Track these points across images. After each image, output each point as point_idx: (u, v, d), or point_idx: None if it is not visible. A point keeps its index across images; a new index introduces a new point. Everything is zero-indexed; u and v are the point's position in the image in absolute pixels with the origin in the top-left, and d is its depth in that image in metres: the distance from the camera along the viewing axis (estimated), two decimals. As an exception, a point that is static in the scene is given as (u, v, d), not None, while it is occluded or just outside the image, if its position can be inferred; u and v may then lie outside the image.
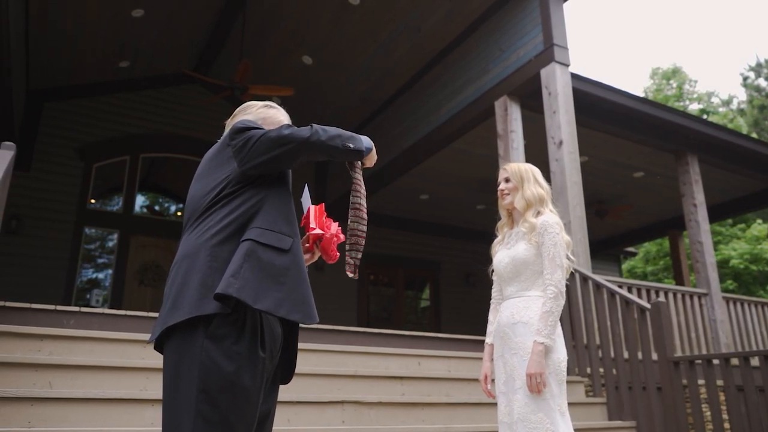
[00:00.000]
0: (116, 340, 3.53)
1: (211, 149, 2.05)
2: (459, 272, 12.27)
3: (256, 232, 1.79)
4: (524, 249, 2.58)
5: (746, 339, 7.90)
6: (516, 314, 2.53)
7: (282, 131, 1.85)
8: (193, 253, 1.78)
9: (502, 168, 2.86)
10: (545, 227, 2.57)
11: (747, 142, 8.52)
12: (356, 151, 1.97)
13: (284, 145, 1.84)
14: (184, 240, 1.88)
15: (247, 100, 8.04)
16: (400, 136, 8.90)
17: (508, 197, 2.74)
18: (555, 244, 2.54)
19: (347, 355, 4.16)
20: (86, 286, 9.28)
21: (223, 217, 1.82)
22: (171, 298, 1.75)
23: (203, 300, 1.69)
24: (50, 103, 9.33)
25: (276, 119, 2.16)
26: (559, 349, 2.46)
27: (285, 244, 1.81)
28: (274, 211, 1.87)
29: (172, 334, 1.72)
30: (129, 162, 9.79)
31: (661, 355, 4.22)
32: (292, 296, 1.75)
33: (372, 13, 7.94)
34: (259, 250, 1.75)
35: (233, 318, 1.70)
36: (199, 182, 1.96)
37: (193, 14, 8.61)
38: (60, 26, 8.00)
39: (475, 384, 4.26)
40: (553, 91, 6.26)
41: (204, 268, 1.74)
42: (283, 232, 1.84)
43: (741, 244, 15.81)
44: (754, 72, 24.04)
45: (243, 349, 1.69)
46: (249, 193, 1.87)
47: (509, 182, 2.76)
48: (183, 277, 1.76)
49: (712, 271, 7.75)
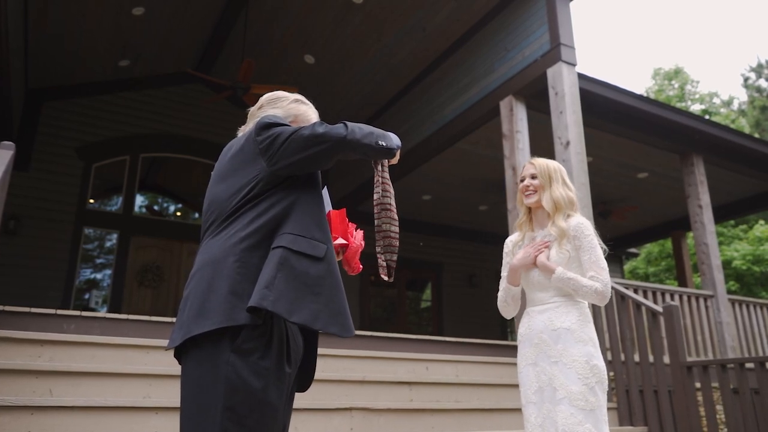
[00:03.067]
0: (118, 346, 3.45)
1: (233, 145, 1.93)
2: (462, 273, 12.19)
3: (288, 239, 1.69)
4: (556, 255, 2.44)
5: (752, 342, 7.83)
6: (556, 320, 2.40)
7: (316, 129, 1.74)
8: (221, 258, 1.68)
9: (529, 162, 2.65)
10: (581, 229, 2.44)
11: (753, 143, 8.45)
12: (388, 150, 1.86)
13: (319, 144, 1.73)
14: (207, 243, 1.77)
15: (249, 100, 8.01)
16: (403, 136, 8.81)
17: (533, 196, 2.56)
18: (594, 246, 2.43)
19: (355, 359, 4.08)
20: (86, 287, 9.19)
21: (251, 221, 1.72)
22: (196, 304, 1.65)
23: (234, 309, 1.60)
24: (50, 103, 9.23)
25: (307, 117, 2.06)
26: (601, 358, 2.36)
27: (319, 251, 1.71)
28: (306, 216, 1.76)
29: (195, 344, 1.63)
30: (129, 162, 9.70)
31: (674, 359, 4.14)
32: (329, 307, 1.65)
33: (376, 13, 7.85)
34: (292, 258, 1.65)
35: (260, 331, 1.61)
36: (224, 182, 1.84)
37: (195, 12, 8.53)
38: (60, 24, 7.91)
39: (484, 389, 4.18)
40: (560, 91, 6.18)
41: (233, 275, 1.65)
42: (316, 238, 1.73)
43: (743, 245, 15.73)
44: (755, 73, 24.00)
45: (271, 364, 1.61)
46: (279, 195, 1.77)
47: (536, 179, 2.57)
48: (209, 282, 1.66)
49: (717, 272, 7.68)
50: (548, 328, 2.40)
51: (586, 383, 2.25)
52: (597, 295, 2.36)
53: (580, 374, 2.27)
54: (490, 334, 11.90)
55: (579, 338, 2.34)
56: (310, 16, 8.19)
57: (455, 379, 4.31)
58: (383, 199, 1.91)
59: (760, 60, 23.97)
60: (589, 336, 2.37)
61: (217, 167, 1.94)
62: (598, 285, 2.36)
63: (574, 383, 2.26)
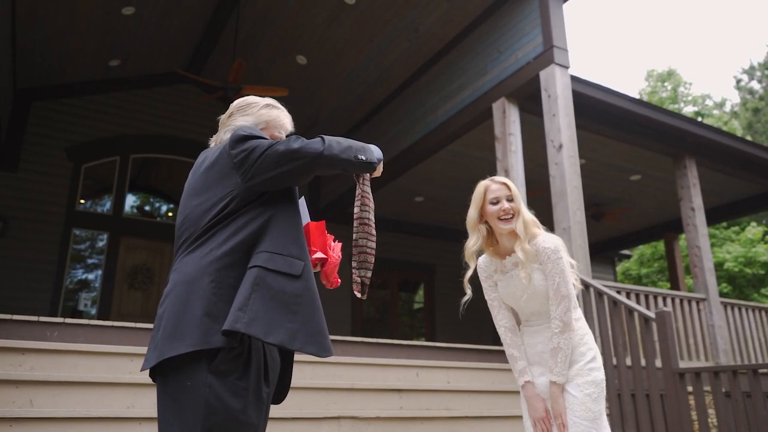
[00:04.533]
0: (103, 354, 3.38)
1: (207, 157, 1.86)
2: (454, 275, 12.10)
3: (263, 257, 1.65)
4: (538, 278, 2.32)
5: (744, 345, 7.82)
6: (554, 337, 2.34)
7: (291, 144, 1.69)
8: (196, 278, 1.64)
9: (500, 181, 2.43)
10: (547, 254, 2.29)
11: (745, 146, 8.45)
12: (368, 164, 1.81)
13: (294, 160, 1.68)
14: (181, 261, 1.72)
15: (240, 100, 7.94)
16: (395, 137, 8.77)
17: (512, 221, 2.37)
18: (560, 271, 2.28)
19: (343, 366, 4.02)
20: (75, 288, 9.09)
21: (227, 238, 1.67)
22: (170, 325, 1.60)
23: (209, 332, 1.56)
24: (39, 103, 9.13)
25: (279, 122, 1.99)
26: (601, 369, 2.31)
27: (296, 269, 1.67)
28: (282, 232, 1.72)
29: (172, 366, 1.58)
30: (119, 163, 9.61)
31: (666, 366, 4.10)
32: (307, 326, 1.61)
33: (368, 13, 7.80)
34: (268, 277, 1.61)
35: (238, 351, 1.59)
36: (198, 197, 1.78)
37: (186, 12, 8.45)
38: (48, 24, 7.81)
39: (475, 396, 4.14)
40: (553, 93, 6.15)
41: (208, 295, 1.61)
42: (293, 255, 1.69)
43: (735, 247, 15.76)
44: (747, 75, 24.08)
45: (249, 384, 1.58)
46: (255, 211, 1.72)
47: (512, 201, 2.39)
48: (183, 302, 1.62)
49: (710, 276, 7.67)
50: (549, 346, 2.33)
51: (588, 393, 2.22)
52: (561, 336, 2.25)
53: (581, 384, 2.24)
54: (483, 335, 11.87)
55: (578, 352, 2.30)
56: (302, 17, 8.13)
57: (446, 385, 4.26)
58: (362, 213, 1.87)
59: (753, 62, 24.07)
60: (589, 346, 2.32)
61: (189, 180, 1.89)
62: (555, 327, 2.27)
63: (576, 393, 2.24)
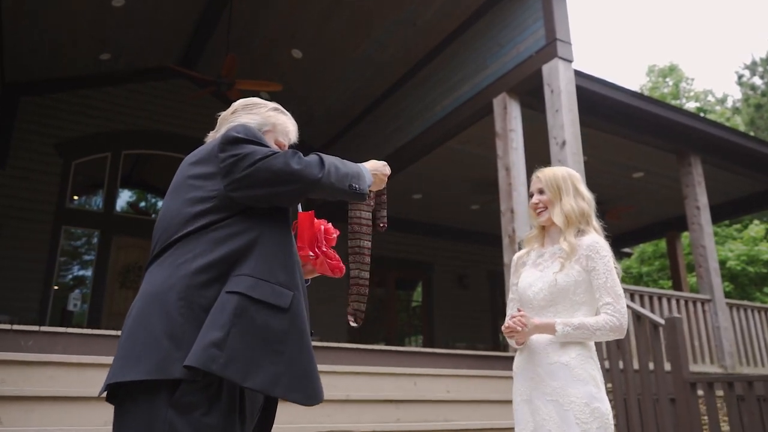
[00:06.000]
0: (80, 365, 3.17)
1: (195, 153, 1.65)
2: (452, 274, 11.96)
3: (247, 283, 1.42)
4: (565, 274, 2.14)
5: (750, 347, 7.65)
6: (552, 353, 2.10)
7: (291, 163, 1.47)
8: (162, 291, 1.41)
9: (535, 175, 2.36)
10: (596, 250, 2.14)
11: (750, 142, 8.27)
12: (360, 194, 1.63)
13: (289, 183, 1.48)
14: (150, 271, 1.50)
15: (233, 95, 7.72)
16: (393, 134, 8.56)
17: (544, 213, 2.28)
18: (610, 270, 2.12)
19: (337, 375, 3.82)
20: (66, 287, 8.89)
21: (204, 252, 1.45)
22: (127, 345, 1.39)
23: (168, 358, 1.33)
24: (27, 98, 8.91)
25: (285, 128, 1.80)
26: (604, 399, 2.06)
27: (284, 300, 1.44)
28: (271, 255, 1.49)
29: (126, 393, 1.37)
30: (110, 159, 9.39)
31: (677, 375, 3.91)
32: (292, 369, 1.40)
33: (365, 6, 7.58)
34: (251, 308, 1.39)
35: (205, 381, 1.35)
36: (178, 197, 1.57)
37: (179, 5, 8.22)
38: (37, 16, 7.58)
39: (475, 406, 3.95)
40: (556, 88, 5.94)
41: (173, 314, 1.38)
42: (281, 282, 1.46)
43: (738, 245, 15.57)
44: (749, 70, 23.87)
45: (217, 421, 1.34)
46: (240, 225, 1.50)
47: (544, 194, 2.29)
48: (144, 320, 1.39)
49: (715, 276, 7.48)
50: (544, 361, 2.11)
51: (585, 429, 1.97)
52: (613, 332, 2.08)
53: (579, 418, 1.98)
54: (481, 334, 11.70)
55: (578, 376, 2.05)
56: (298, 9, 7.91)
57: (446, 395, 4.07)
58: (353, 243, 1.73)
59: (755, 57, 23.84)
60: (590, 374, 2.07)
61: (174, 178, 1.68)
62: (614, 319, 2.07)
63: (572, 428, 1.98)
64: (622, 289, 2.14)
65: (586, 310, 2.15)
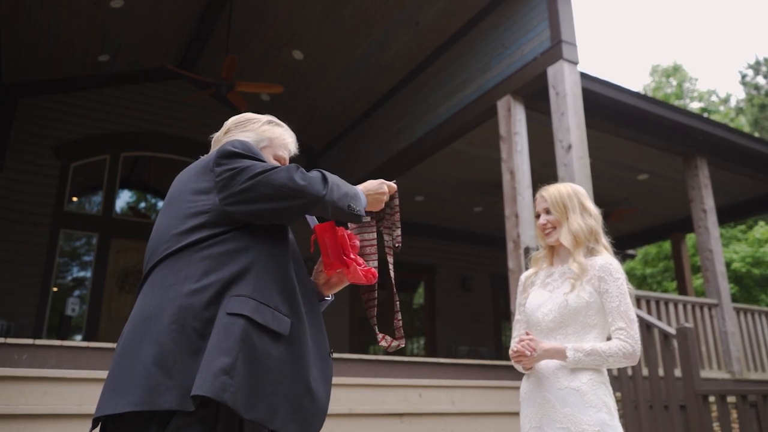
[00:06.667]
0: (74, 380, 3.07)
1: (189, 168, 1.57)
2: (455, 276, 11.86)
3: (251, 306, 1.33)
4: (576, 295, 2.05)
5: (757, 352, 7.55)
6: (563, 378, 1.99)
7: (294, 178, 1.39)
8: (154, 314, 1.33)
9: (539, 194, 2.28)
10: (609, 271, 2.05)
11: (757, 144, 8.17)
12: (357, 216, 1.55)
13: (291, 199, 1.40)
14: (144, 292, 1.41)
15: (233, 97, 7.62)
16: (395, 136, 8.46)
17: (552, 234, 2.19)
18: (623, 293, 2.03)
19: (340, 388, 3.71)
20: (64, 290, 8.79)
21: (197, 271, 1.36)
22: (116, 372, 1.30)
23: (157, 388, 1.23)
24: (25, 99, 8.80)
25: (283, 141, 1.72)
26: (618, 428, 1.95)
27: (283, 327, 1.37)
28: (270, 279, 1.41)
29: (114, 426, 1.27)
30: (109, 161, 9.28)
31: (689, 386, 3.81)
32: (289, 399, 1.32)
33: (367, 5, 7.48)
34: (254, 334, 1.31)
35: (202, 414, 1.25)
36: (170, 211, 1.49)
37: (178, 6, 8.12)
38: (35, 17, 7.48)
39: (482, 419, 3.85)
40: (561, 91, 5.84)
41: (164, 340, 1.28)
42: (279, 308, 1.38)
43: (743, 247, 15.43)
44: (752, 70, 23.75)
45: None
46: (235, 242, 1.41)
47: (550, 214, 2.20)
48: (134, 346, 1.31)
49: (722, 280, 7.38)
50: (554, 386, 2.00)
51: None
52: (627, 358, 1.98)
53: None
54: (485, 337, 11.60)
55: (590, 402, 1.94)
56: (298, 9, 7.80)
57: (451, 407, 3.97)
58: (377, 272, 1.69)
59: (758, 57, 23.72)
60: (603, 400, 1.97)
61: (168, 193, 1.59)
62: (627, 346, 1.97)
63: None
64: (635, 313, 2.05)
65: (597, 334, 2.06)
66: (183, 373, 1.25)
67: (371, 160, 8.89)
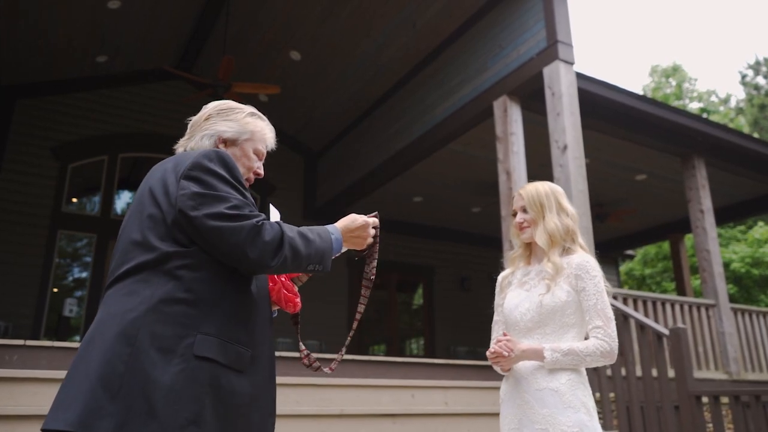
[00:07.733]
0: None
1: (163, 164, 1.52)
2: (454, 276, 11.86)
3: (215, 347, 1.30)
4: (552, 294, 2.03)
5: (755, 353, 7.55)
6: (541, 378, 1.97)
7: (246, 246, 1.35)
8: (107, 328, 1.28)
9: (517, 193, 2.27)
10: (586, 269, 2.03)
11: (755, 145, 8.16)
12: (321, 272, 1.52)
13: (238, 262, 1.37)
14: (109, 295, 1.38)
15: (230, 98, 7.61)
16: (392, 136, 8.46)
17: (527, 231, 2.18)
18: (600, 291, 2.01)
19: (332, 389, 3.71)
20: (63, 291, 8.80)
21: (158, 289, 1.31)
22: (64, 384, 1.27)
23: (97, 411, 1.17)
24: (23, 100, 8.81)
25: (264, 135, 1.68)
26: (597, 429, 1.93)
27: (242, 362, 1.35)
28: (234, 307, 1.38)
29: None
30: (107, 162, 9.30)
31: (682, 387, 3.80)
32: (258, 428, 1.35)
33: (364, 7, 7.48)
34: (222, 376, 1.29)
35: None
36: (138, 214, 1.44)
37: (175, 6, 8.13)
38: (33, 18, 7.49)
39: (474, 419, 3.84)
40: (557, 91, 5.84)
41: (115, 361, 1.22)
42: (240, 341, 1.36)
43: (742, 247, 15.40)
44: (752, 70, 23.74)
45: None
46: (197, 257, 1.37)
47: (527, 212, 2.19)
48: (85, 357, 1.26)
49: (720, 280, 7.37)
50: (532, 387, 1.98)
51: None
52: (604, 357, 1.97)
53: None
54: (484, 337, 11.57)
55: (568, 403, 1.92)
56: (296, 10, 7.81)
57: (444, 408, 3.96)
58: None
59: (758, 57, 23.70)
60: (582, 401, 1.95)
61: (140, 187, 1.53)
62: (604, 344, 1.96)
63: None
64: (612, 311, 2.03)
65: (576, 333, 2.05)
66: (127, 398, 1.20)
67: (370, 160, 8.90)
